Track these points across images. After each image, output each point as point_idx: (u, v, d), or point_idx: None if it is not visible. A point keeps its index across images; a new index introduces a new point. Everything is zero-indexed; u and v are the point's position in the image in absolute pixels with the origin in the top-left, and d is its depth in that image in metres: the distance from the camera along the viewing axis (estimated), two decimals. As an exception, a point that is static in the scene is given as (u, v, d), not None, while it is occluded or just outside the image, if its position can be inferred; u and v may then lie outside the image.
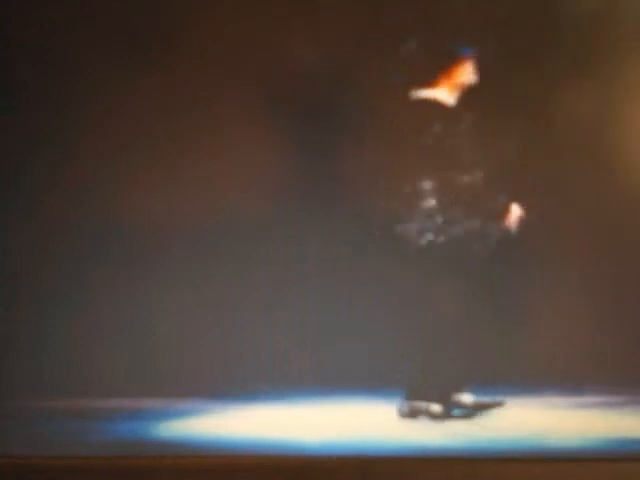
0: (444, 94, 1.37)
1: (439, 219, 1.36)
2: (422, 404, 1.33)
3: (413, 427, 1.33)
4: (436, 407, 1.33)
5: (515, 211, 1.35)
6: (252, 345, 1.34)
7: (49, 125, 1.38)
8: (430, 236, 1.36)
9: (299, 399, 1.33)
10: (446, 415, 1.33)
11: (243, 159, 1.37)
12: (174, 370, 1.34)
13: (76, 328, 1.35)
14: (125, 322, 1.35)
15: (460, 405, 1.33)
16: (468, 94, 1.36)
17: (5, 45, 1.38)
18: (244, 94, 1.37)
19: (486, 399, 1.33)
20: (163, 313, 1.35)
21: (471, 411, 1.33)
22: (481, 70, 1.36)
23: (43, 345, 1.35)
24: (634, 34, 1.36)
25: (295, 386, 1.33)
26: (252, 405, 1.33)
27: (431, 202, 1.36)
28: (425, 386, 1.33)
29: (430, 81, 1.36)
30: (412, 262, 1.35)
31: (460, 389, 1.34)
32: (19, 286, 1.37)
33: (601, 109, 1.35)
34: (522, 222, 1.35)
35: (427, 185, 1.36)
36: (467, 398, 1.34)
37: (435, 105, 1.36)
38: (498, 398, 1.32)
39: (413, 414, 1.33)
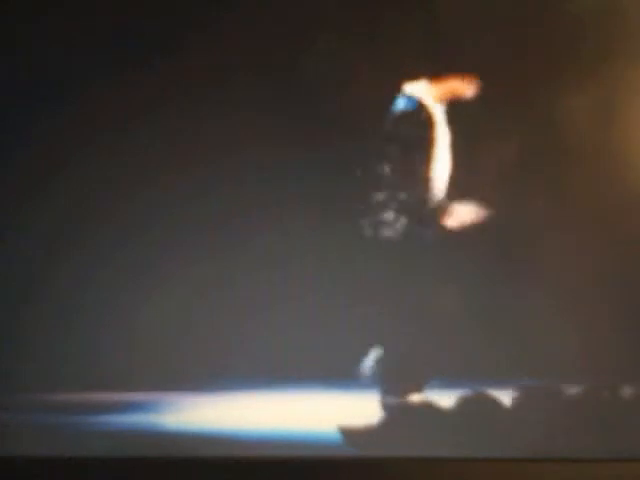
0: (439, 93, 1.37)
1: (431, 214, 1.36)
2: (402, 396, 1.33)
3: (395, 420, 1.33)
4: (415, 398, 1.33)
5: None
6: (237, 337, 1.34)
7: (49, 125, 1.39)
8: (416, 229, 1.36)
9: (283, 390, 1.33)
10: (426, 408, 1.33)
11: (242, 157, 1.37)
12: (166, 364, 1.34)
13: (73, 324, 1.36)
14: (120, 319, 1.36)
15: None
16: (468, 93, 1.36)
17: (6, 45, 1.39)
18: (242, 94, 1.38)
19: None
20: (155, 309, 1.35)
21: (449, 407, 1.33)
22: (478, 70, 1.36)
23: (39, 342, 1.36)
24: (634, 34, 1.36)
25: (277, 378, 1.33)
26: (236, 396, 1.33)
27: (426, 199, 1.36)
28: (404, 379, 1.33)
29: (423, 79, 1.37)
30: (397, 257, 1.35)
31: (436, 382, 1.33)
32: (13, 285, 1.38)
33: (601, 109, 1.36)
34: (517, 220, 1.35)
35: (423, 182, 1.36)
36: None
37: (432, 105, 1.37)
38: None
39: (394, 406, 1.33)
